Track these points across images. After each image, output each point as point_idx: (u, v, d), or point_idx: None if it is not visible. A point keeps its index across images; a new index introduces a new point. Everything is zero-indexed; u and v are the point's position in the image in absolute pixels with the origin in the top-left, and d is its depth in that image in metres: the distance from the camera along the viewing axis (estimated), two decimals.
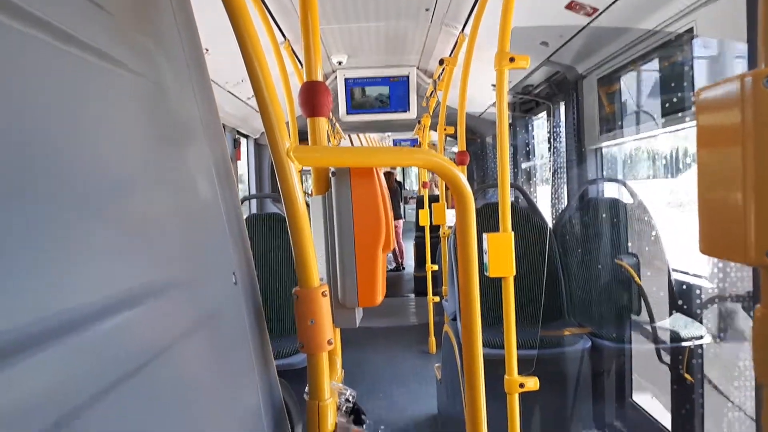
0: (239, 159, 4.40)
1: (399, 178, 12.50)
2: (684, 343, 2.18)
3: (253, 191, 4.69)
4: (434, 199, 4.36)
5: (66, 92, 0.48)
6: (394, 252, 8.12)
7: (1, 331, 0.36)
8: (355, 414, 1.01)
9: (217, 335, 0.75)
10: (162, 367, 0.56)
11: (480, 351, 1.07)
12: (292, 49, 3.18)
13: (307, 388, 0.94)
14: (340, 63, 4.03)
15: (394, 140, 9.29)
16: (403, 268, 8.13)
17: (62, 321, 0.42)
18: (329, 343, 0.90)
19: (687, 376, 2.15)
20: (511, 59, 1.64)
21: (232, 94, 3.39)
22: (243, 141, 4.47)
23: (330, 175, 1.00)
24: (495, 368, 1.60)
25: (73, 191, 0.47)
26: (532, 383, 1.67)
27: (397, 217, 8.16)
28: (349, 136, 7.32)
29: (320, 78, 1.04)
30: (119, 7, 0.61)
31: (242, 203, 3.34)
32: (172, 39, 0.76)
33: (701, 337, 2.14)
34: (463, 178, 1.01)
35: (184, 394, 0.62)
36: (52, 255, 0.43)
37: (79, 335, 0.44)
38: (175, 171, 0.71)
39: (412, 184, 14.85)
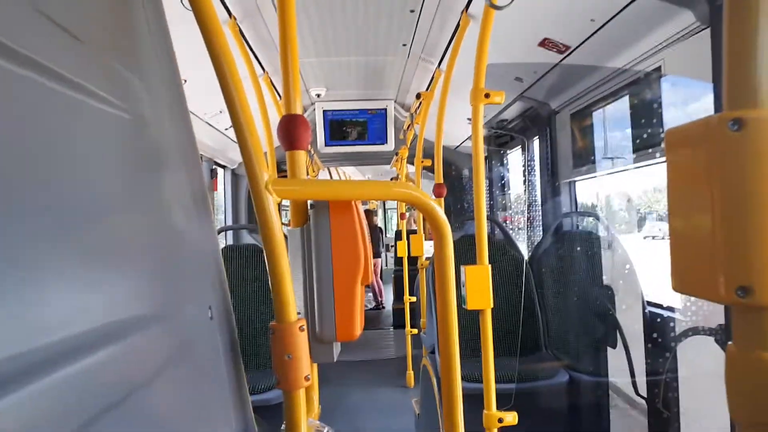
0: (216, 190, 4.36)
1: (381, 224, 12.18)
2: (659, 377, 2.18)
3: (230, 222, 4.64)
4: (413, 231, 4.38)
5: (34, 123, 0.47)
6: (373, 291, 8.10)
7: None
8: None
9: (192, 372, 0.72)
10: (136, 405, 0.55)
11: (459, 385, 1.06)
12: (271, 81, 3.20)
13: (283, 426, 0.91)
14: (318, 95, 4.06)
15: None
16: (383, 307, 8.06)
17: (32, 361, 0.41)
18: (306, 379, 0.88)
19: (663, 409, 2.15)
20: (487, 95, 1.67)
21: (210, 124, 3.38)
22: (220, 171, 4.44)
23: (309, 207, 0.99)
24: (474, 402, 1.58)
25: (45, 225, 0.46)
26: (511, 418, 1.65)
27: (376, 255, 8.13)
28: (329, 169, 7.35)
29: (299, 110, 1.04)
30: (92, 35, 0.60)
31: (218, 234, 3.30)
32: (151, 68, 0.75)
33: (676, 371, 2.15)
34: (440, 210, 1.01)
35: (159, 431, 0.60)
36: (22, 291, 0.41)
37: (50, 375, 0.42)
38: (152, 203, 0.70)
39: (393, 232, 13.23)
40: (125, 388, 0.54)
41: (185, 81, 0.84)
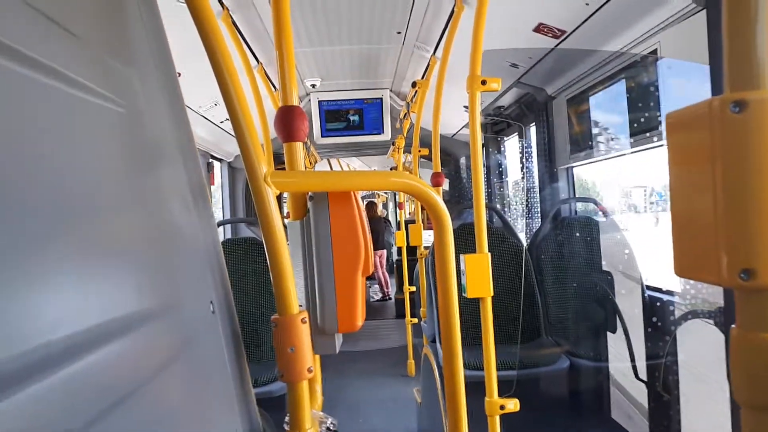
0: (213, 183, 4.35)
1: (390, 217, 11.97)
2: (659, 360, 2.19)
3: (228, 215, 4.63)
4: (412, 221, 4.38)
5: (29, 120, 0.46)
6: (380, 283, 8.09)
7: None
8: None
9: (195, 366, 0.73)
10: (140, 402, 0.55)
11: (461, 373, 1.06)
12: (266, 73, 3.18)
13: (287, 418, 0.91)
14: (313, 86, 4.04)
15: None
16: (390, 298, 8.04)
17: (35, 359, 0.40)
18: (309, 371, 0.89)
19: (663, 392, 2.16)
20: (483, 82, 1.66)
21: (205, 117, 3.36)
22: (216, 165, 4.42)
23: (308, 199, 0.98)
24: (475, 390, 1.58)
25: (44, 222, 0.45)
26: (513, 405, 1.66)
27: (381, 247, 8.10)
28: (329, 162, 7.32)
29: (295, 102, 1.03)
30: (86, 30, 0.59)
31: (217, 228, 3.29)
32: (146, 62, 0.74)
33: (676, 354, 2.16)
34: (439, 199, 1.01)
35: (163, 427, 0.60)
36: (21, 289, 0.41)
37: (53, 373, 0.42)
38: (150, 198, 0.69)
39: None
40: (129, 384, 0.53)
41: (180, 74, 0.83)
